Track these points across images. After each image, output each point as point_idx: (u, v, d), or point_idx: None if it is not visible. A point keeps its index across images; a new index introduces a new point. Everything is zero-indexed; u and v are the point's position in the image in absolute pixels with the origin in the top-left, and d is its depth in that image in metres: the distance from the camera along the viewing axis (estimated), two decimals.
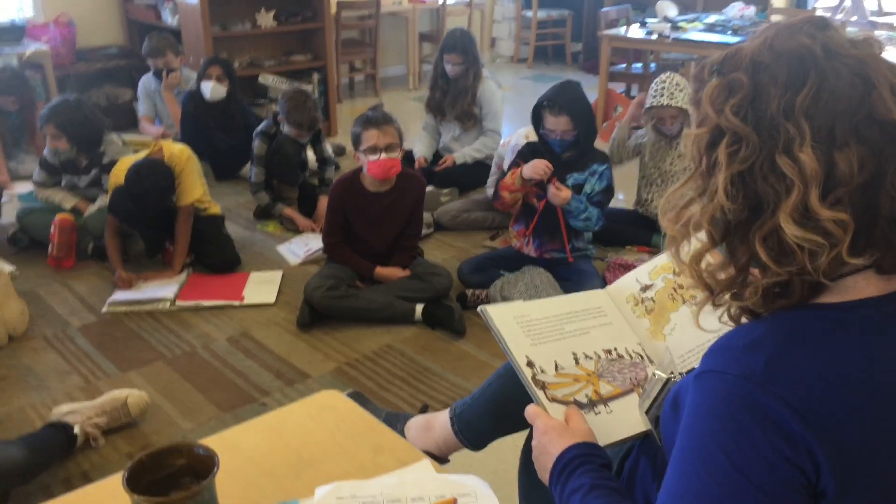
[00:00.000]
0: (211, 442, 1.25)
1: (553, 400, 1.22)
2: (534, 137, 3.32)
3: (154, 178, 3.24)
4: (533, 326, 1.31)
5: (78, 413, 2.29)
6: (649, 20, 5.98)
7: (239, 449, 1.23)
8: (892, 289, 0.87)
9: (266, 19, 5.19)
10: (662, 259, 1.47)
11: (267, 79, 5.24)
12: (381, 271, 3.16)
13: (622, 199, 4.23)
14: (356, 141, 3.06)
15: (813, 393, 0.81)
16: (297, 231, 3.89)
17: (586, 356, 1.32)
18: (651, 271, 1.47)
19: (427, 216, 3.95)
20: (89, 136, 3.58)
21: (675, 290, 1.43)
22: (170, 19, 5.29)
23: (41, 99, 4.82)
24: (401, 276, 3.15)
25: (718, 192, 0.86)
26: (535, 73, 7.88)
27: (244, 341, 2.96)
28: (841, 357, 0.83)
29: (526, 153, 3.28)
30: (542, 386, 1.23)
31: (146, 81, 4.86)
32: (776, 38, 0.87)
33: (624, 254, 3.62)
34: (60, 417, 2.29)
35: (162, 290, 3.26)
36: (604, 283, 3.21)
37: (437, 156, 4.54)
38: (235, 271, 3.51)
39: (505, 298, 3.03)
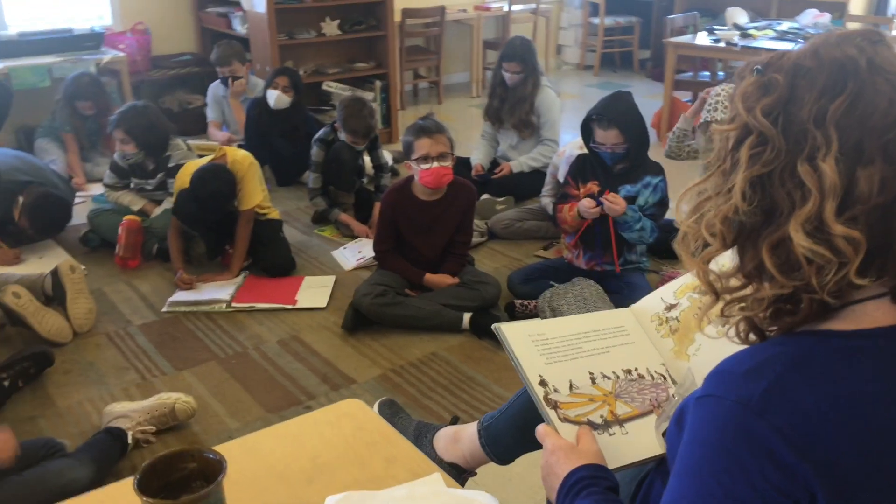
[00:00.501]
0: (232, 446, 1.30)
1: (565, 420, 1.22)
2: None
3: (217, 182, 3.35)
4: (548, 345, 1.31)
5: (128, 418, 2.37)
6: (717, 28, 5.86)
7: (257, 453, 1.27)
8: None
9: (331, 28, 5.30)
10: (689, 277, 1.45)
11: (330, 86, 5.35)
12: (431, 278, 3.19)
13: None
14: (408, 150, 3.10)
15: (810, 423, 0.79)
16: (352, 236, 3.95)
17: (604, 376, 1.32)
18: (677, 290, 1.45)
19: (481, 224, 3.97)
20: (156, 141, 3.72)
21: (700, 309, 1.40)
22: (239, 28, 5.45)
23: (116, 104, 5.01)
24: (450, 283, 3.17)
25: (735, 192, 0.85)
26: (601, 80, 7.80)
27: (294, 344, 3.03)
28: (844, 387, 0.81)
29: (576, 167, 3.27)
30: (554, 405, 1.23)
31: (215, 88, 5.02)
32: (823, 45, 0.85)
33: (679, 267, 3.56)
34: (112, 420, 2.37)
35: (219, 291, 3.36)
36: None
37: (495, 164, 4.55)
38: (290, 275, 3.59)
39: (553, 310, 3.02)
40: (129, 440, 2.32)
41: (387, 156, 4.96)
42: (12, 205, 3.60)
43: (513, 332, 1.30)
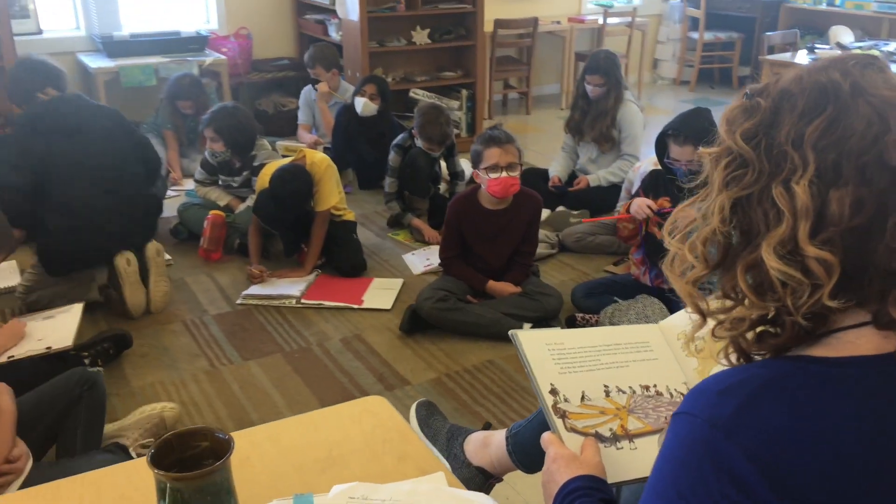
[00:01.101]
0: (256, 431, 1.37)
1: (571, 430, 1.23)
2: None
3: (295, 182, 3.49)
4: (565, 355, 1.33)
5: (125, 437, 2.43)
6: (819, 46, 5.65)
7: (278, 441, 1.34)
8: (891, 348, 0.83)
9: (421, 36, 5.41)
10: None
11: (417, 93, 5.45)
12: (493, 286, 3.22)
13: None
14: (477, 159, 3.14)
15: (776, 446, 0.79)
16: (424, 241, 4.03)
17: (619, 390, 1.32)
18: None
19: (552, 236, 3.97)
20: (243, 141, 3.90)
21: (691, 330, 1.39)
22: (334, 34, 5.63)
23: (214, 104, 5.28)
24: (512, 292, 3.19)
25: (714, 215, 0.87)
26: (697, 96, 7.63)
27: (355, 343, 3.11)
28: (815, 413, 0.80)
29: (648, 182, 3.23)
30: (563, 415, 1.25)
31: (307, 92, 5.21)
32: (810, 70, 0.86)
33: None
34: (108, 442, 2.41)
35: (291, 287, 3.49)
36: None
37: (574, 177, 4.54)
38: (361, 276, 3.69)
39: (613, 326, 2.99)
40: (133, 454, 2.35)
41: (464, 164, 5.03)
42: None
43: (529, 340, 1.32)
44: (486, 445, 1.75)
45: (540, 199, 3.31)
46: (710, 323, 1.44)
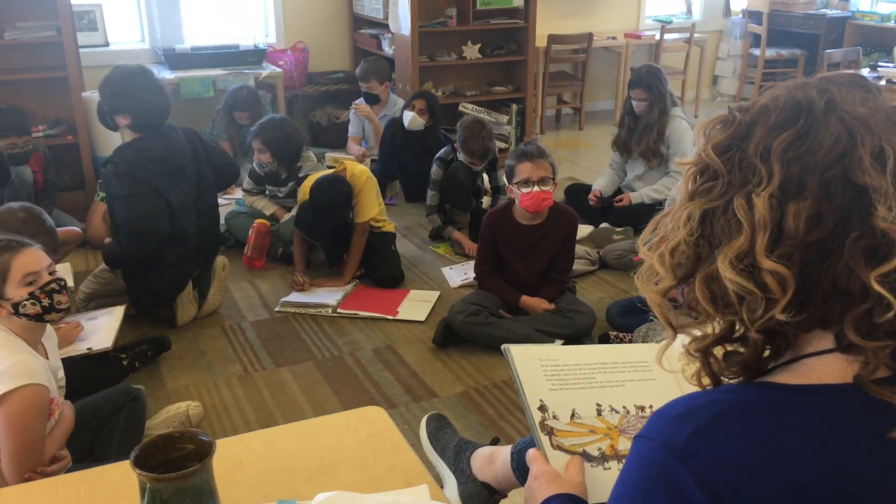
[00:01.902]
0: (254, 436, 1.40)
1: (557, 447, 1.22)
2: None
3: (333, 192, 3.54)
4: (558, 371, 1.32)
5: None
6: (883, 64, 5.47)
7: (273, 446, 1.36)
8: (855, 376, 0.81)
9: (471, 51, 5.44)
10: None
11: (466, 107, 5.48)
12: (527, 301, 3.20)
13: None
14: (510, 173, 3.14)
15: (729, 472, 0.78)
16: (464, 254, 4.04)
17: (612, 409, 1.30)
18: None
19: (592, 252, 3.93)
20: (289, 153, 3.98)
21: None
22: (387, 48, 5.71)
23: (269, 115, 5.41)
24: (545, 308, 3.18)
25: (681, 227, 0.86)
26: None
27: (387, 353, 3.14)
28: (771, 440, 0.78)
29: None
30: (550, 432, 1.24)
31: (358, 109, 5.28)
32: (791, 87, 0.85)
33: None
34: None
35: (328, 296, 3.54)
36: None
37: (620, 193, 4.49)
38: (398, 287, 3.72)
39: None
40: None
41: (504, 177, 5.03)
42: None
43: (521, 354, 1.32)
44: (492, 461, 1.74)
45: (576, 215, 3.28)
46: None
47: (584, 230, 4.34)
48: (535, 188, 3.06)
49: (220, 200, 4.59)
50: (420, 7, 5.21)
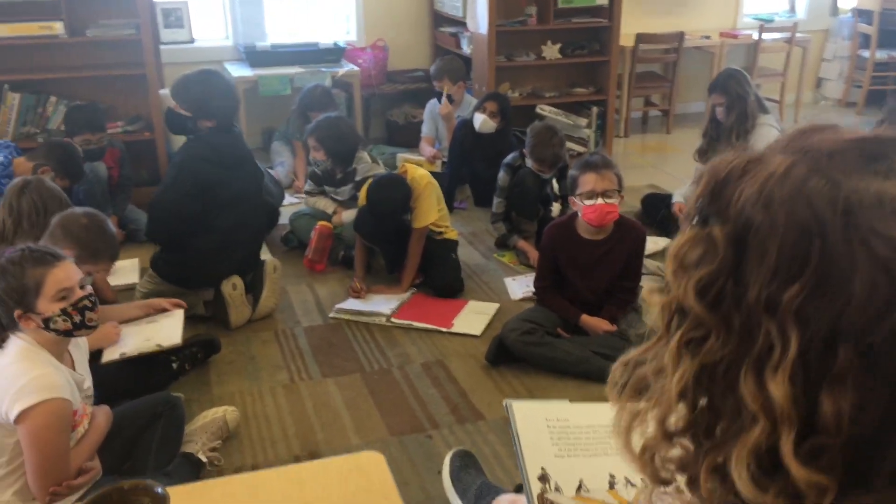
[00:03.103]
0: (239, 480, 1.31)
1: None
2: None
3: (390, 191, 3.46)
4: (567, 434, 1.16)
5: (193, 441, 2.45)
6: None
7: (256, 494, 1.27)
8: None
9: (551, 51, 5.25)
10: None
11: (544, 109, 5.30)
12: (587, 321, 3.03)
13: None
14: (573, 185, 2.97)
15: None
16: (529, 264, 3.87)
17: (628, 482, 1.14)
18: None
19: (664, 267, 3.70)
20: (343, 151, 3.92)
21: None
22: (466, 48, 5.58)
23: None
24: (606, 329, 2.99)
25: (672, 387, 0.64)
26: (865, 119, 6.96)
27: (436, 368, 3.02)
28: None
29: None
30: None
31: (432, 104, 5.18)
32: (783, 185, 0.60)
33: None
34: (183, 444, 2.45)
35: (384, 304, 3.46)
36: None
37: None
38: (457, 297, 3.59)
39: None
40: (203, 458, 2.39)
41: None
42: None
43: (524, 413, 1.17)
44: None
45: (644, 230, 3.08)
46: None
47: (659, 243, 4.11)
48: (600, 200, 2.88)
49: (292, 199, 4.62)
50: (499, 5, 5.06)
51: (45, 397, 1.83)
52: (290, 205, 4.57)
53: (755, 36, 6.56)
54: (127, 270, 3.80)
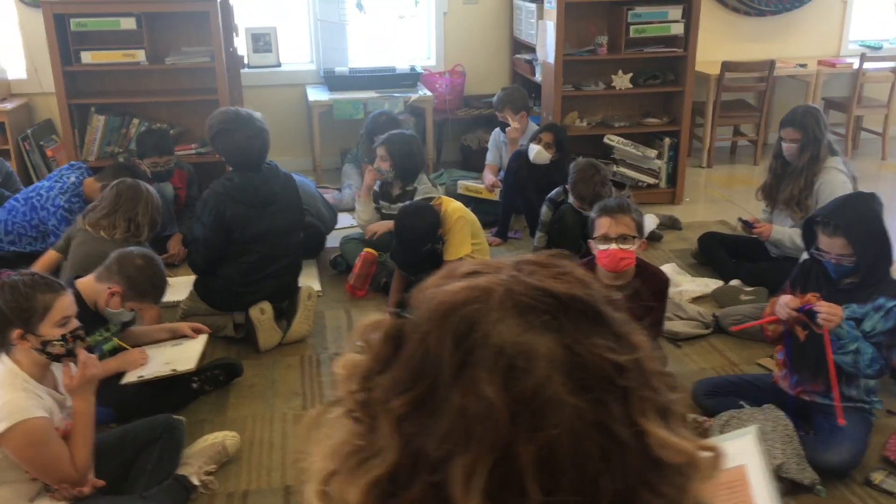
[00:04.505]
0: None
1: None
2: None
3: (415, 219, 3.49)
4: None
5: (190, 464, 2.53)
6: None
7: None
8: None
9: (622, 81, 5.13)
10: None
11: (612, 139, 5.18)
12: None
13: None
14: (591, 228, 2.89)
15: None
16: None
17: None
18: None
19: (707, 314, 3.55)
20: (409, 166, 4.01)
21: None
22: (538, 76, 5.54)
23: None
24: None
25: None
26: None
27: None
28: None
29: (798, 274, 2.76)
30: None
31: (496, 133, 5.18)
32: (446, 300, 0.61)
33: None
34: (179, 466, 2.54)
35: None
36: (862, 453, 2.54)
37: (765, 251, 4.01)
38: None
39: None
40: (196, 482, 2.47)
41: (647, 219, 4.67)
42: None
43: None
44: None
45: (666, 278, 2.96)
46: None
47: (709, 285, 3.94)
48: (614, 246, 2.80)
49: (349, 220, 4.71)
50: (569, 34, 5.00)
51: (17, 420, 1.97)
52: (344, 228, 4.67)
53: (856, 65, 6.17)
54: (181, 287, 3.99)
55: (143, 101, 4.74)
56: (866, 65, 6.14)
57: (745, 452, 1.16)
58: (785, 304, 2.56)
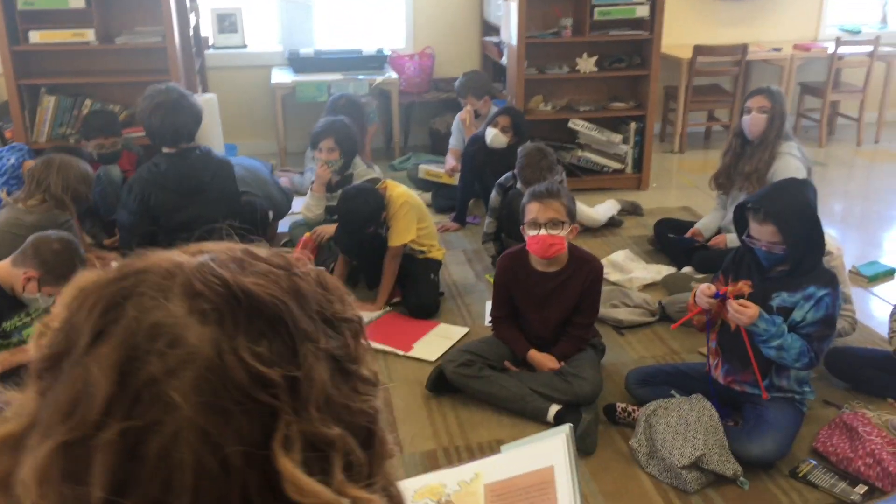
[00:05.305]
0: None
1: None
2: None
3: (357, 202, 3.40)
4: None
5: None
6: None
7: None
8: None
9: (587, 64, 5.04)
10: (443, 476, 1.08)
11: (577, 124, 5.09)
12: (534, 356, 2.88)
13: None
14: (522, 213, 2.82)
15: None
16: None
17: None
18: (419, 489, 1.09)
19: (653, 302, 3.48)
20: (354, 153, 3.93)
21: None
22: (505, 59, 5.45)
23: (373, 123, 5.38)
24: (551, 367, 2.83)
25: None
26: None
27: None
28: None
29: (732, 260, 2.69)
30: None
31: (459, 117, 5.09)
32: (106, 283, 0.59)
33: (876, 409, 2.73)
34: None
35: None
36: (787, 446, 2.49)
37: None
38: (432, 318, 3.51)
39: (650, 426, 2.53)
40: None
41: (604, 207, 4.61)
42: None
43: None
44: None
45: (599, 264, 2.89)
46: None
47: (661, 272, 3.88)
48: (543, 231, 2.72)
49: (299, 205, 4.63)
50: (533, 16, 4.91)
51: None
52: (298, 213, 4.58)
53: (831, 49, 6.06)
54: None
55: (94, 82, 4.65)
56: (842, 49, 6.04)
57: (555, 452, 1.11)
58: (702, 292, 2.50)
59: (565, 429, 1.24)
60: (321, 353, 0.56)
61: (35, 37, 4.36)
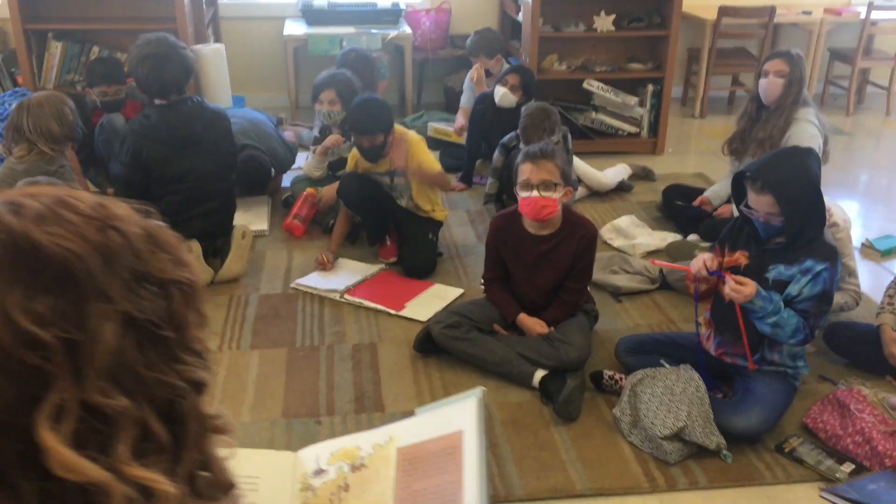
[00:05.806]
0: None
1: None
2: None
3: (369, 106, 3.40)
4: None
5: None
6: None
7: None
8: None
9: (604, 23, 4.89)
10: (358, 440, 1.04)
11: (592, 84, 4.96)
12: (524, 320, 2.82)
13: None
14: (515, 175, 2.75)
15: None
16: None
17: None
18: (335, 452, 1.05)
19: (654, 269, 3.40)
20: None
21: (339, 489, 0.99)
22: (521, 16, 5.31)
23: (384, 79, 5.27)
24: (539, 331, 2.78)
25: None
26: None
27: (364, 352, 2.92)
28: None
29: (729, 231, 2.60)
30: None
31: (470, 75, 4.98)
32: None
33: (872, 385, 2.65)
34: None
35: (344, 279, 3.38)
36: (773, 420, 2.42)
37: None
38: (427, 278, 3.46)
39: (635, 395, 2.47)
40: None
41: (614, 171, 4.51)
42: None
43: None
44: None
45: (593, 228, 2.81)
46: (331, 476, 1.07)
47: (666, 239, 3.79)
48: (535, 192, 2.65)
49: (303, 160, 4.59)
50: None
51: None
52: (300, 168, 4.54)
53: (864, 13, 5.83)
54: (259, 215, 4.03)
55: (102, 28, 4.60)
56: (875, 14, 5.80)
57: (465, 416, 1.07)
58: (702, 261, 2.42)
59: (477, 392, 1.20)
60: (117, 314, 0.51)
61: None
